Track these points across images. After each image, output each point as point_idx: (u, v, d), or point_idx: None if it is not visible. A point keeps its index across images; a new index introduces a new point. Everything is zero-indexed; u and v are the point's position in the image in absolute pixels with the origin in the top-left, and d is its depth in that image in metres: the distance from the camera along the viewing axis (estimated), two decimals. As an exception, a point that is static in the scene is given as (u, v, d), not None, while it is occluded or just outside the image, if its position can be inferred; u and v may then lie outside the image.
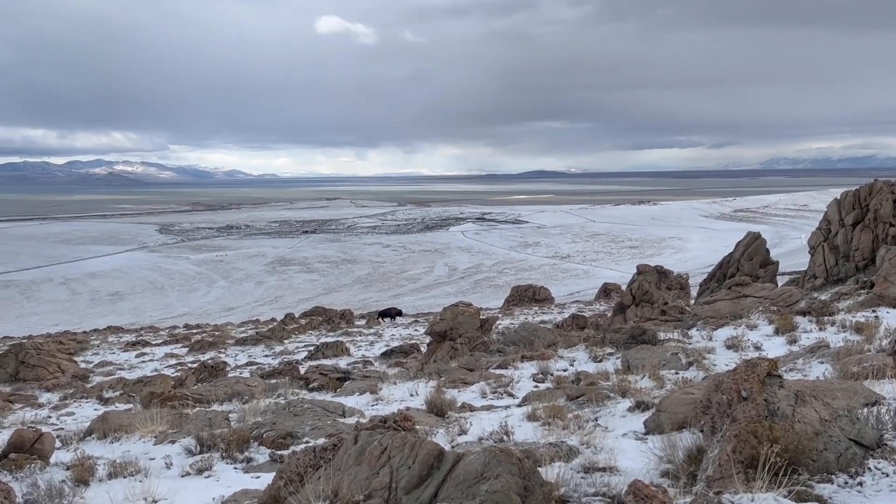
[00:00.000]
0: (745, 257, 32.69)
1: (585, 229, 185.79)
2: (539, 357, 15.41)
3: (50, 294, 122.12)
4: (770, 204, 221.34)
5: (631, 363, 12.80)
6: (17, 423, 14.35)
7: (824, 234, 29.58)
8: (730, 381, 5.40)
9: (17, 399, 23.34)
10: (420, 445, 4.34)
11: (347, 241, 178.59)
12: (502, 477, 3.85)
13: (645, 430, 7.54)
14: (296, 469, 5.11)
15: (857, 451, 5.10)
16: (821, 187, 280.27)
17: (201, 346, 40.94)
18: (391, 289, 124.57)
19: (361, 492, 4.28)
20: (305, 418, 9.53)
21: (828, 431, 5.13)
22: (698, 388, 7.74)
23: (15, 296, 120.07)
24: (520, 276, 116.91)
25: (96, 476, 7.95)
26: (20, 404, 21.92)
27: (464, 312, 21.47)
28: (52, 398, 23.04)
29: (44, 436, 8.47)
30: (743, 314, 17.49)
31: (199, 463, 8.09)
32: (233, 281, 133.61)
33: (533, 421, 8.95)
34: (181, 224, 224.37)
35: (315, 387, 15.72)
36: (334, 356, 31.26)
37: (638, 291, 25.44)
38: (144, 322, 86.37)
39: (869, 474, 4.84)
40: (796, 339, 14.16)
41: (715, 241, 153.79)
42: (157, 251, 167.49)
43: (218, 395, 13.70)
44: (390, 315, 53.73)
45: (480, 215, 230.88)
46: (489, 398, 12.22)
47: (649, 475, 5.62)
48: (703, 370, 11.84)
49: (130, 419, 10.39)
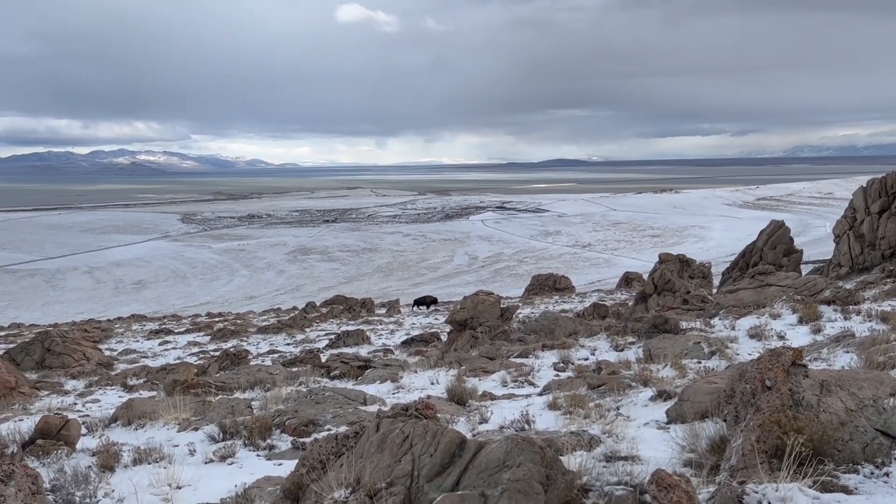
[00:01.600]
0: (768, 246, 32.35)
1: (606, 218, 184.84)
2: (560, 346, 15.37)
3: (74, 282, 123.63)
4: (794, 192, 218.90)
5: (653, 352, 12.73)
6: (44, 409, 14.55)
7: (849, 223, 29.20)
8: (754, 371, 5.35)
9: (44, 386, 23.67)
10: (442, 434, 4.35)
11: (368, 231, 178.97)
12: (524, 465, 3.84)
13: (667, 420, 7.50)
14: (318, 456, 5.13)
15: (883, 441, 5.04)
16: (846, 175, 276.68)
17: (223, 335, 41.25)
18: (411, 277, 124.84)
19: (384, 479, 4.29)
20: (327, 406, 9.58)
21: (853, 421, 5.07)
22: (721, 377, 7.68)
23: (40, 284, 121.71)
24: (540, 265, 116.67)
25: (121, 462, 8.04)
26: (46, 391, 22.25)
27: (484, 301, 21.44)
28: (78, 385, 23.32)
29: (70, 422, 8.58)
30: (766, 303, 17.32)
31: (222, 450, 8.16)
32: (254, 270, 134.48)
33: (554, 410, 8.93)
34: (203, 213, 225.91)
35: (336, 375, 15.78)
36: (355, 344, 31.38)
37: (660, 280, 25.26)
38: (167, 310, 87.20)
39: (895, 465, 4.77)
40: (821, 328, 14.01)
41: (737, 229, 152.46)
42: (179, 240, 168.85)
43: (240, 382, 13.81)
44: (426, 303, 54.03)
45: (500, 204, 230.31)
46: (510, 387, 12.20)
47: (672, 464, 5.59)
48: (726, 359, 11.75)
49: (154, 406, 10.50)
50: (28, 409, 15.00)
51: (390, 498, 4.11)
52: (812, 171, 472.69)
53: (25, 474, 5.10)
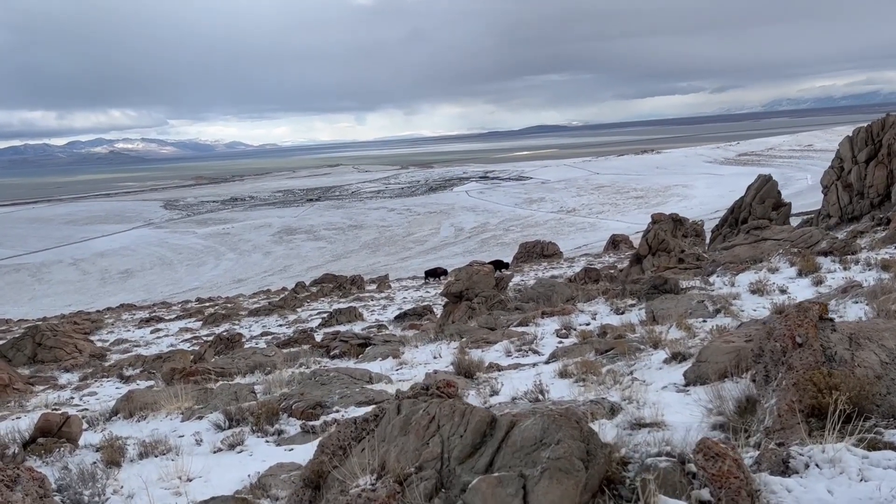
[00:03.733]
0: (756, 200, 32.28)
1: (590, 182, 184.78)
2: (560, 312, 15.22)
3: (60, 275, 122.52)
4: (774, 146, 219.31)
5: (656, 313, 12.58)
6: (41, 406, 14.29)
7: (837, 173, 29.16)
8: (782, 328, 5.17)
9: (38, 381, 23.39)
10: (471, 413, 4.14)
11: (352, 207, 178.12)
12: (564, 442, 3.65)
13: (685, 382, 7.33)
14: (338, 442, 4.92)
15: (921, 393, 4.88)
16: (825, 126, 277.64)
17: (215, 319, 41.01)
18: (399, 252, 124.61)
19: (412, 463, 4.09)
20: (333, 387, 9.38)
21: (889, 374, 4.91)
22: (738, 335, 7.52)
23: (26, 279, 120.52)
24: (526, 233, 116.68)
25: (127, 457, 7.82)
26: (41, 386, 21.97)
27: (478, 272, 21.25)
28: (73, 378, 23.08)
29: (71, 418, 8.34)
30: (763, 258, 17.21)
31: (231, 438, 7.94)
32: (241, 253, 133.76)
33: (565, 378, 8.76)
34: (185, 199, 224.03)
35: (336, 354, 15.59)
36: (348, 322, 31.21)
37: (654, 241, 25.11)
38: (156, 298, 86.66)
39: (939, 417, 4.62)
40: (822, 280, 13.91)
41: (720, 186, 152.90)
42: (163, 227, 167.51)
43: (239, 367, 13.58)
44: (437, 274, 54.79)
45: (484, 174, 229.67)
46: (514, 356, 12.05)
47: (700, 429, 5.42)
48: (732, 316, 11.61)
49: (155, 397, 10.26)
50: (25, 407, 14.72)
51: (421, 483, 3.91)
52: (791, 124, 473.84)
53: (31, 478, 4.87)
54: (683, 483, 3.74)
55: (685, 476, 3.80)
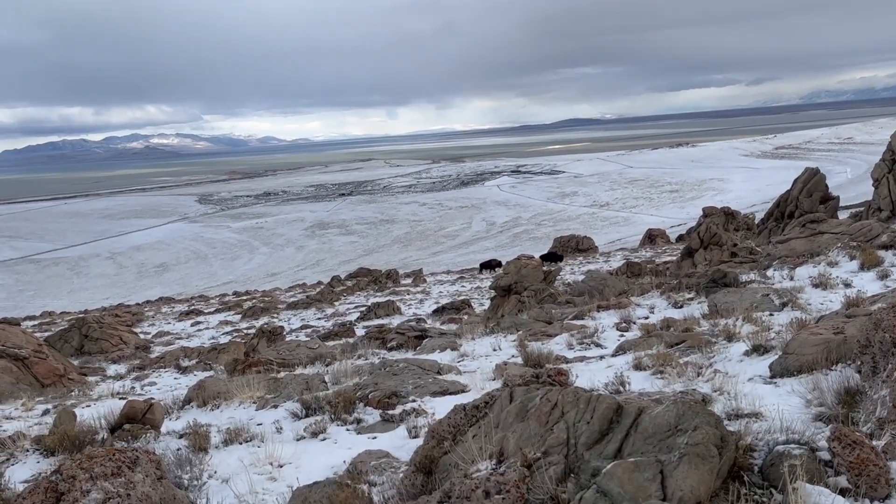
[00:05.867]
0: (803, 194, 31.82)
1: (623, 176, 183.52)
2: (616, 306, 15.17)
3: (98, 269, 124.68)
4: (812, 139, 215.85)
5: (719, 307, 12.49)
6: (105, 395, 14.59)
7: (889, 166, 28.59)
8: (891, 319, 5.14)
9: (87, 371, 23.88)
10: (598, 400, 4.18)
11: (384, 202, 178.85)
12: (701, 429, 3.68)
13: (770, 374, 7.30)
14: (448, 428, 4.99)
15: None
16: (865, 118, 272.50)
17: (254, 312, 41.46)
18: (430, 247, 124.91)
19: (536, 449, 4.14)
20: (405, 377, 9.47)
21: None
22: (824, 328, 7.46)
23: (65, 272, 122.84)
24: (558, 228, 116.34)
25: (212, 443, 7.98)
26: (92, 377, 22.42)
27: (527, 265, 21.26)
28: (120, 369, 23.50)
29: (154, 406, 8.53)
30: (820, 251, 16.98)
31: (313, 426, 8.06)
32: (274, 247, 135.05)
33: (641, 370, 8.75)
34: (219, 193, 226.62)
35: (393, 346, 15.72)
36: (386, 316, 31.37)
37: (706, 234, 24.90)
38: (191, 291, 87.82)
39: None
40: (887, 273, 13.70)
41: (756, 180, 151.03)
42: (198, 221, 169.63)
43: (300, 358, 13.75)
44: (492, 266, 55.98)
45: (516, 168, 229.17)
46: (577, 349, 12.05)
47: (802, 419, 5.40)
48: (801, 310, 11.48)
49: (227, 386, 10.43)
50: (89, 395, 15.04)
51: (550, 467, 3.95)
52: (830, 116, 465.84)
53: (149, 459, 5.01)
54: (819, 470, 3.75)
55: (818, 464, 3.81)
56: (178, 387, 15.30)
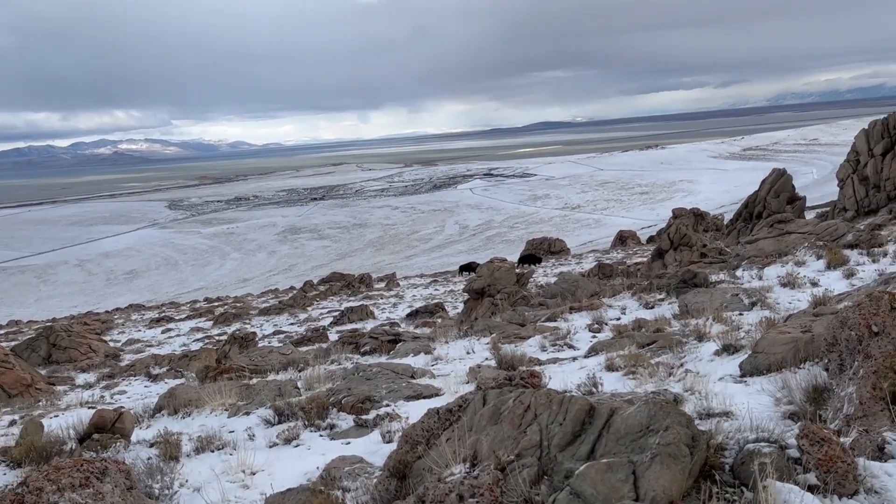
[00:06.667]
0: (771, 194, 32.27)
1: (594, 178, 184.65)
2: (588, 307, 15.26)
3: (66, 276, 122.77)
4: (779, 140, 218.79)
5: (689, 307, 12.61)
6: (74, 404, 14.36)
7: (853, 166, 29.13)
8: (857, 317, 5.21)
9: (56, 381, 23.49)
10: (570, 401, 4.19)
11: (356, 206, 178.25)
12: (672, 429, 3.70)
13: (741, 373, 7.38)
14: (422, 433, 4.98)
15: None
16: (830, 120, 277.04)
17: (225, 319, 41.18)
18: (403, 250, 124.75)
19: (509, 451, 4.14)
20: (379, 382, 9.43)
21: (968, 362, 4.95)
22: (792, 327, 7.56)
23: (32, 280, 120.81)
24: (531, 230, 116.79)
25: (183, 452, 7.88)
26: (61, 386, 22.06)
27: (500, 268, 21.30)
28: (90, 378, 23.18)
29: (124, 414, 8.41)
30: (788, 251, 17.23)
31: (286, 432, 8.00)
32: (245, 252, 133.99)
33: (613, 371, 8.80)
34: (190, 199, 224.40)
35: (367, 350, 15.65)
36: (360, 320, 31.31)
37: (676, 235, 25.14)
38: (162, 298, 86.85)
39: None
40: (853, 272, 13.93)
41: (725, 181, 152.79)
42: (168, 227, 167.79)
43: (273, 364, 13.64)
44: (471, 269, 55.66)
45: (488, 171, 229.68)
46: (550, 351, 12.09)
47: (772, 417, 5.47)
48: (770, 309, 11.63)
49: (198, 394, 10.32)
50: (57, 405, 14.80)
51: (523, 470, 3.96)
52: (796, 118, 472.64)
53: (118, 469, 4.94)
54: (789, 468, 3.80)
55: (788, 461, 3.86)
56: (149, 395, 15.11)
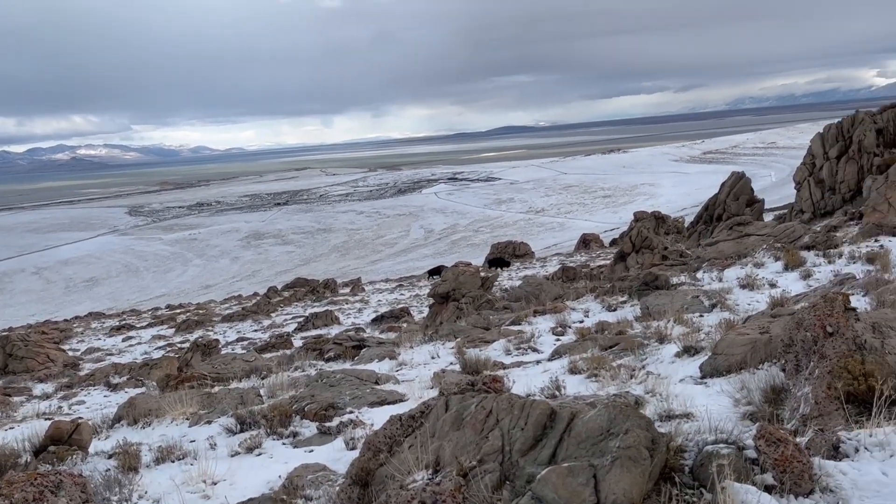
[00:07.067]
0: (730, 197, 32.80)
1: (558, 182, 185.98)
2: (552, 310, 15.35)
3: (23, 284, 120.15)
4: (738, 144, 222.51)
5: (651, 309, 12.75)
6: (31, 415, 14.04)
7: (809, 169, 29.73)
8: (812, 318, 5.31)
9: (12, 392, 22.94)
10: (532, 406, 4.20)
11: (321, 211, 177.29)
12: (632, 432, 3.73)
13: (701, 375, 7.47)
14: (384, 439, 4.94)
15: (949, 378, 5.04)
16: (787, 124, 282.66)
17: (188, 326, 40.69)
18: (369, 255, 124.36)
19: (471, 457, 4.13)
20: (342, 388, 9.37)
21: (919, 361, 5.07)
22: (750, 328, 7.68)
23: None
24: (496, 234, 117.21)
25: (143, 462, 7.74)
26: (17, 397, 21.56)
27: (465, 272, 21.33)
28: (47, 389, 22.72)
29: (81, 425, 8.23)
30: (747, 253, 17.51)
31: (248, 441, 7.89)
32: (208, 258, 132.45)
33: (576, 374, 8.85)
34: (151, 204, 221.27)
35: (331, 357, 15.56)
36: (324, 326, 31.16)
37: (637, 238, 25.40)
38: (123, 306, 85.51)
39: (972, 401, 4.78)
40: (810, 273, 14.21)
41: (686, 184, 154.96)
42: (128, 234, 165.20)
43: (235, 371, 13.48)
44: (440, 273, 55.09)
45: (452, 175, 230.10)
46: (514, 355, 12.13)
47: (731, 418, 5.54)
48: (729, 311, 11.80)
49: (158, 403, 10.16)
50: (13, 417, 14.45)
51: (485, 475, 3.95)
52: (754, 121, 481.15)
53: (74, 483, 4.83)
54: (746, 468, 3.85)
55: (745, 462, 3.91)
56: (109, 405, 14.84)
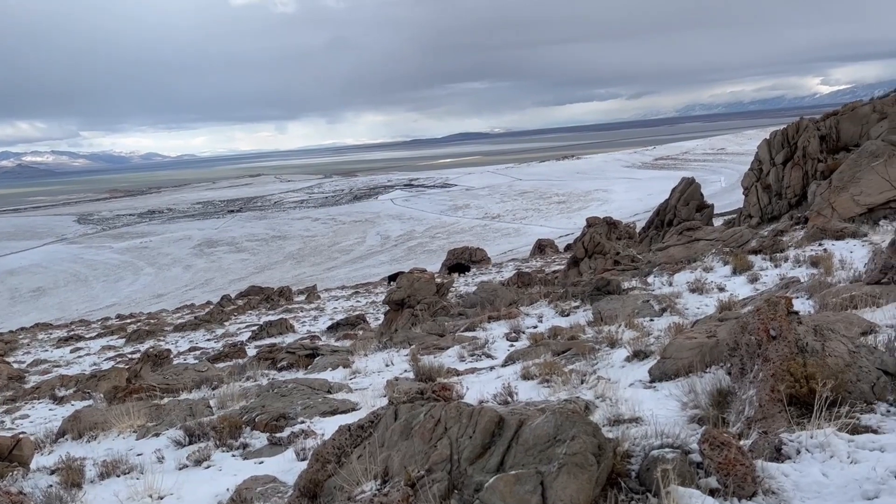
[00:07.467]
0: (681, 203, 33.35)
1: (513, 188, 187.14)
2: (506, 316, 15.40)
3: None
4: (688, 150, 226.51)
5: (603, 314, 12.87)
6: (-30, 431, 13.60)
7: (756, 174, 30.35)
8: (756, 322, 5.40)
9: (-46, 407, 22.22)
10: (480, 413, 4.18)
11: (275, 218, 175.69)
12: (579, 438, 3.74)
13: (650, 379, 7.55)
14: (333, 450, 4.88)
15: (886, 379, 5.17)
16: (736, 130, 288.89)
17: (139, 336, 39.91)
18: (324, 262, 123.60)
19: (420, 467, 4.10)
20: (294, 398, 9.25)
21: (857, 363, 5.19)
22: (698, 332, 7.79)
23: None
24: (452, 240, 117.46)
25: (87, 478, 7.54)
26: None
27: (420, 279, 21.29)
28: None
29: (22, 441, 7.98)
30: (697, 257, 17.80)
31: (196, 454, 7.75)
32: (160, 267, 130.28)
33: (528, 379, 8.88)
34: (100, 212, 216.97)
35: (284, 366, 15.37)
36: (279, 334, 30.85)
37: (590, 244, 25.66)
38: (71, 316, 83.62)
39: (908, 400, 4.91)
40: (757, 277, 14.50)
41: (638, 190, 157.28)
42: (77, 242, 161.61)
43: (185, 382, 13.23)
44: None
45: (409, 181, 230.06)
46: (468, 361, 12.13)
47: (679, 422, 5.60)
48: (678, 315, 11.98)
49: (105, 416, 9.91)
50: (-48, 433, 13.96)
51: (433, 485, 3.93)
52: (704, 128, 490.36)
53: (10, 500, 4.68)
54: (691, 472, 3.88)
55: (690, 466, 3.95)
56: (54, 419, 14.44)
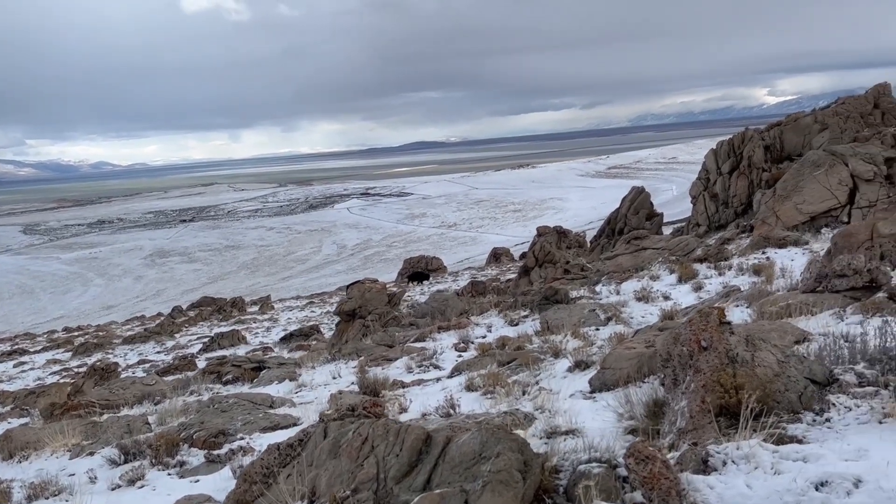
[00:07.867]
0: (631, 211, 33.80)
1: (469, 197, 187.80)
2: (456, 326, 15.37)
3: None
4: (641, 159, 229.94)
5: (550, 323, 12.91)
6: None
7: (704, 184, 30.92)
8: (688, 333, 5.43)
9: None
10: (407, 431, 4.12)
11: (229, 227, 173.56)
12: (503, 455, 3.70)
13: (591, 389, 7.57)
14: (261, 469, 4.78)
15: (814, 388, 5.25)
16: (687, 139, 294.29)
17: (86, 349, 39.03)
18: (279, 272, 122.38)
19: (346, 486, 4.02)
20: (234, 413, 9.07)
21: (786, 372, 5.25)
22: (637, 342, 7.84)
23: None
24: (409, 249, 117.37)
25: (14, 500, 7.28)
26: None
27: (371, 289, 21.17)
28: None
29: (-54, 464, 7.68)
30: (644, 266, 18.01)
31: (130, 473, 7.53)
32: (110, 278, 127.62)
33: (472, 391, 8.84)
34: (47, 222, 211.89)
35: (229, 379, 15.11)
36: (231, 346, 30.47)
37: (540, 253, 25.81)
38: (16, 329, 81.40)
39: (833, 410, 4.97)
40: (701, 285, 14.72)
41: (592, 198, 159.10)
42: (22, 253, 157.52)
43: (126, 398, 12.91)
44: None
45: (365, 190, 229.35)
46: (416, 372, 12.07)
47: (615, 433, 5.61)
48: (623, 324, 12.08)
49: (37, 435, 9.60)
50: None
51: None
52: (656, 138, 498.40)
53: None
54: (617, 487, 3.88)
55: (617, 480, 3.94)
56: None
